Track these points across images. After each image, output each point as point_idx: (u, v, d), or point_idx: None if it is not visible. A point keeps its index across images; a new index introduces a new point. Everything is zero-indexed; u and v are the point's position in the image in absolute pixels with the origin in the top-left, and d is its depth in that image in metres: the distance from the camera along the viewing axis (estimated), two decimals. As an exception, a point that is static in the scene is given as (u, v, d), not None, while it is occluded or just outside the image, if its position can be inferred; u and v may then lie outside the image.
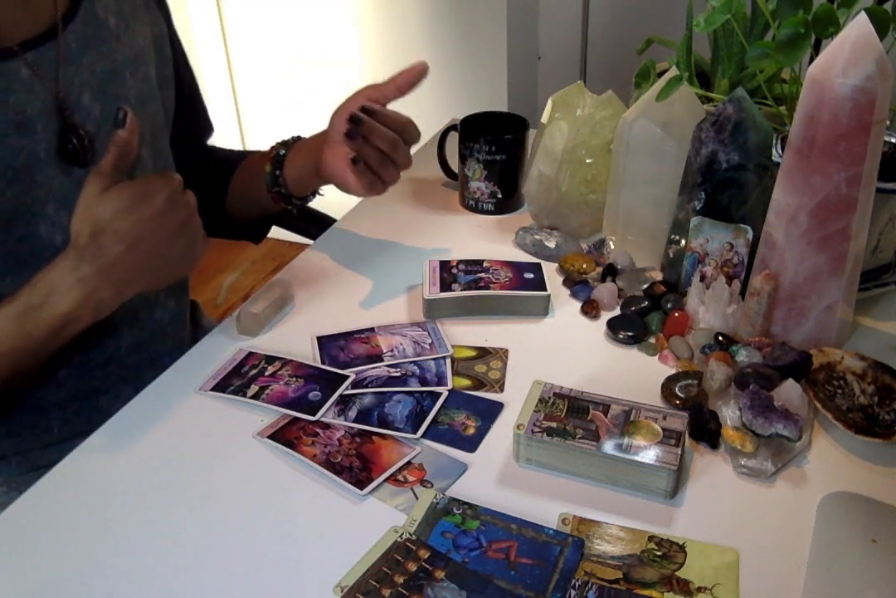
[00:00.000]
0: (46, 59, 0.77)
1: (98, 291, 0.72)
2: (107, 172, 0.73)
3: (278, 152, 0.96)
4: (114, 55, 0.83)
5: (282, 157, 0.96)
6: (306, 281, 0.97)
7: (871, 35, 0.68)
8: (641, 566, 0.63)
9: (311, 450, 0.73)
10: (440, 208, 1.11)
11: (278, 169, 0.96)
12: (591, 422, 0.71)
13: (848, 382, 0.77)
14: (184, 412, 0.79)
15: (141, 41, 0.87)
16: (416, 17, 1.92)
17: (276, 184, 0.96)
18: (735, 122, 0.81)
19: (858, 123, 0.70)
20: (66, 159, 0.79)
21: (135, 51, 0.86)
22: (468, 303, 0.89)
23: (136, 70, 0.86)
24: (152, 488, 0.71)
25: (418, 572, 0.62)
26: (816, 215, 0.75)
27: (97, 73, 0.81)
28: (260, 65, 2.17)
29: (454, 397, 0.79)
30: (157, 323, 0.93)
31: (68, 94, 0.79)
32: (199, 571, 0.64)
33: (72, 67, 0.79)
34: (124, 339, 0.89)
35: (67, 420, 0.89)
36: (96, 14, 0.82)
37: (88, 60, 0.81)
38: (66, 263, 0.72)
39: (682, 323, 0.85)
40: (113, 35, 0.83)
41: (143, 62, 0.87)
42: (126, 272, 0.73)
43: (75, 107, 0.79)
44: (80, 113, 0.80)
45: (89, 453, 0.75)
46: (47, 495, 0.71)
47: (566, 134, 0.97)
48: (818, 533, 0.65)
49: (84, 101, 0.80)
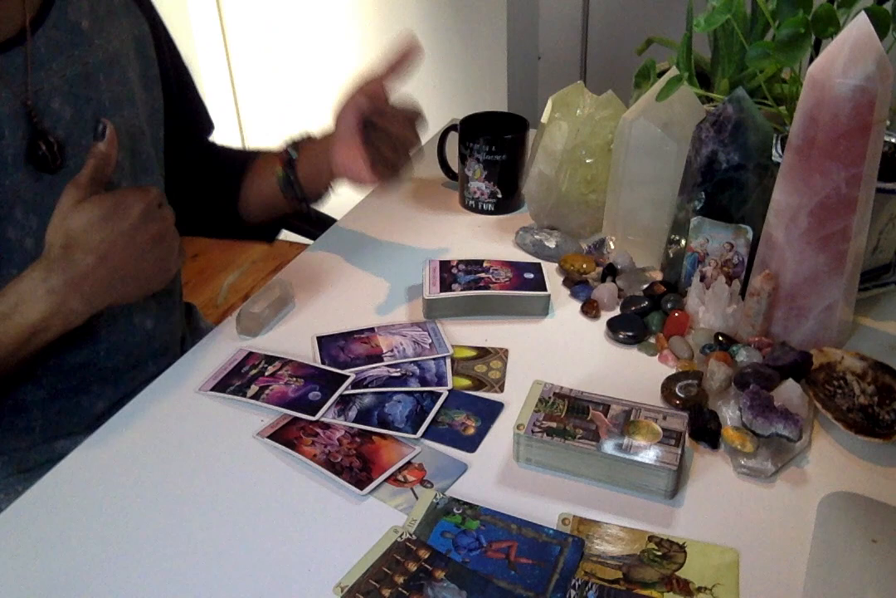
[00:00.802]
0: (14, 64, 0.77)
1: (67, 303, 0.73)
2: (83, 183, 0.73)
3: (290, 156, 0.96)
4: (86, 58, 0.82)
5: (293, 160, 0.96)
6: (306, 281, 0.97)
7: (871, 35, 0.68)
8: (641, 566, 0.63)
9: (311, 450, 0.73)
10: (440, 208, 1.11)
11: (291, 173, 0.96)
12: (591, 422, 0.71)
13: (848, 382, 0.77)
14: (184, 412, 0.79)
15: (117, 43, 0.86)
16: (416, 17, 1.92)
17: (290, 187, 0.97)
18: (735, 122, 0.81)
19: (858, 123, 0.70)
20: (36, 165, 0.78)
21: (109, 53, 0.85)
22: (468, 303, 0.89)
23: (110, 73, 0.85)
24: (152, 488, 0.71)
25: (418, 572, 0.62)
26: (816, 215, 0.75)
27: (68, 77, 0.81)
28: (260, 64, 2.17)
29: (454, 397, 0.79)
30: (137, 327, 0.92)
31: (37, 100, 0.78)
32: (199, 571, 0.64)
33: (40, 72, 0.78)
34: (101, 343, 0.88)
35: (49, 420, 0.88)
36: (67, 18, 0.81)
37: (59, 65, 0.80)
38: (36, 274, 0.72)
39: (682, 323, 0.85)
40: (86, 38, 0.83)
41: (118, 65, 0.86)
42: (96, 285, 0.73)
43: (45, 112, 0.79)
44: (49, 118, 0.79)
45: (89, 453, 0.75)
46: (47, 496, 0.71)
47: (566, 134, 0.97)
48: (818, 533, 0.65)
49: (54, 105, 0.80)
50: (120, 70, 0.87)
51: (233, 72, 2.22)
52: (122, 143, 0.86)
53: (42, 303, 0.72)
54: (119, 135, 0.77)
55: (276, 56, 2.13)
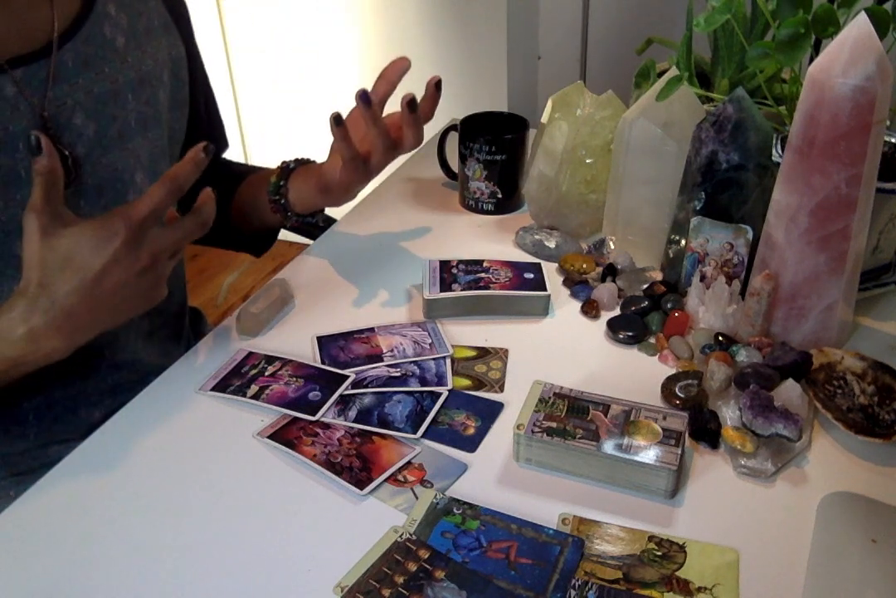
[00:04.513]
0: (38, 77, 0.76)
1: (49, 341, 0.68)
2: (40, 207, 0.67)
3: (288, 165, 0.97)
4: (116, 76, 0.81)
5: (290, 170, 0.96)
6: (306, 281, 0.97)
7: (871, 35, 0.68)
8: (641, 566, 0.63)
9: (311, 450, 0.73)
10: (440, 208, 1.11)
11: (283, 180, 0.96)
12: (591, 422, 0.71)
13: (848, 382, 0.77)
14: (184, 412, 0.79)
15: (151, 63, 0.86)
16: (416, 18, 1.92)
17: (277, 193, 0.96)
18: (735, 122, 0.81)
19: (858, 123, 0.70)
20: None
21: (141, 73, 0.84)
22: (468, 303, 0.89)
23: (140, 92, 0.84)
24: (152, 488, 0.71)
25: (418, 572, 0.62)
26: (816, 215, 0.75)
27: (94, 94, 0.80)
28: (260, 65, 2.17)
29: (454, 397, 0.79)
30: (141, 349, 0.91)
31: (57, 114, 0.77)
32: (199, 571, 0.64)
33: (64, 86, 0.77)
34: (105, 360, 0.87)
35: (44, 427, 0.87)
36: (103, 33, 0.80)
37: (85, 80, 0.79)
38: (15, 314, 0.68)
39: (682, 323, 0.85)
40: (118, 55, 0.82)
41: (149, 85, 0.85)
42: (79, 322, 0.69)
43: (65, 126, 0.77)
44: (70, 133, 0.78)
45: (89, 453, 0.74)
46: (47, 496, 0.71)
47: (566, 134, 0.97)
48: (818, 533, 0.65)
49: (76, 121, 0.78)
50: (150, 90, 0.86)
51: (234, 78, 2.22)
52: (143, 164, 0.85)
53: (21, 342, 0.68)
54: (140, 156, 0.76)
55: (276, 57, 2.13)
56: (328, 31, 2.04)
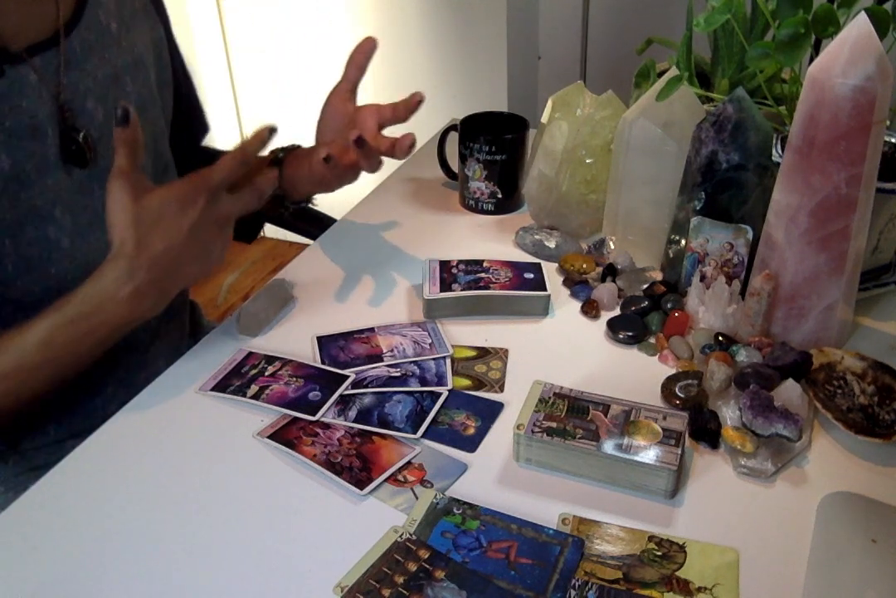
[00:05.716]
0: (52, 64, 0.78)
1: (150, 299, 0.73)
2: (127, 171, 0.72)
3: (277, 155, 0.97)
4: (115, 60, 0.83)
5: (280, 159, 0.96)
6: (306, 281, 0.97)
7: (871, 35, 0.68)
8: (641, 566, 0.63)
9: (311, 450, 0.73)
10: (440, 208, 1.11)
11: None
12: (591, 422, 0.71)
13: (848, 382, 0.77)
14: (184, 412, 0.79)
15: (140, 46, 0.87)
16: (416, 18, 1.92)
17: None
18: (735, 122, 0.81)
19: (858, 123, 0.70)
20: (69, 161, 0.79)
21: (134, 56, 0.86)
22: (468, 303, 0.89)
23: (136, 75, 0.86)
24: (152, 488, 0.71)
25: (418, 572, 0.62)
26: (816, 215, 0.75)
27: (99, 79, 0.82)
28: (260, 65, 2.17)
29: (454, 397, 0.79)
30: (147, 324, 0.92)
31: (72, 100, 0.79)
32: (199, 571, 0.64)
33: (76, 73, 0.79)
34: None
35: (62, 421, 0.88)
36: (99, 19, 0.82)
37: (91, 66, 0.81)
38: (120, 273, 0.71)
39: (682, 323, 0.85)
40: (114, 40, 0.83)
41: (142, 67, 0.87)
42: (176, 279, 0.74)
43: (80, 112, 0.80)
44: (83, 118, 0.80)
45: (89, 453, 0.74)
46: (47, 496, 0.71)
47: (566, 134, 0.97)
48: (818, 533, 0.65)
49: (88, 105, 0.81)
50: (144, 72, 0.88)
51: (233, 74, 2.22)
52: (147, 144, 0.87)
53: (129, 300, 0.72)
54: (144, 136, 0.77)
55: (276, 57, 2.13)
56: (328, 31, 2.03)
